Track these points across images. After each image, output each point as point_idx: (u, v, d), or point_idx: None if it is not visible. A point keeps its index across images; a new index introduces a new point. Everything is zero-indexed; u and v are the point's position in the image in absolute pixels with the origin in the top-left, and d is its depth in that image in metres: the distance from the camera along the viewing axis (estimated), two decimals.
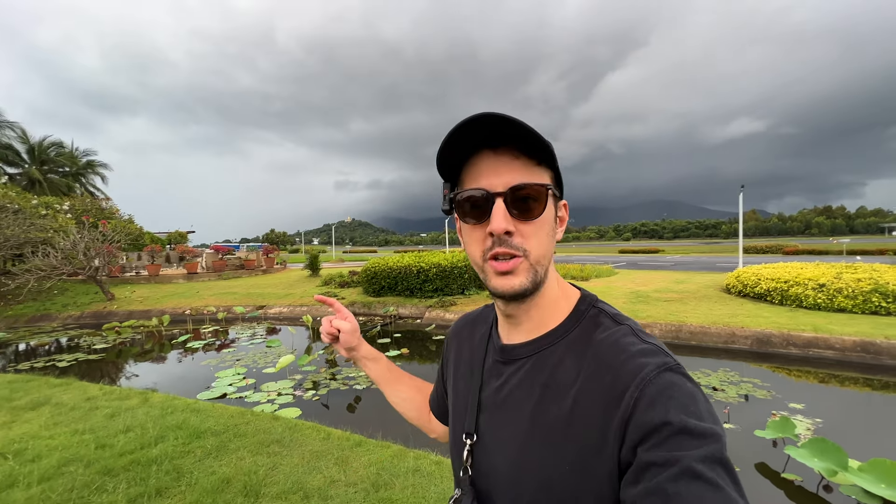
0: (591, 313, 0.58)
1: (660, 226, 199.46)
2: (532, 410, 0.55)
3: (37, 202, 15.49)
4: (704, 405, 0.47)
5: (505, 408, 0.58)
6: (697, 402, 0.46)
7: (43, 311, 12.41)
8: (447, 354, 0.79)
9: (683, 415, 0.45)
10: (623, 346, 0.52)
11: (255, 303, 12.48)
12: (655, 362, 0.49)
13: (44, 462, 3.11)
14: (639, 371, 0.49)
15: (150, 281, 16.44)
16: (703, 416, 0.45)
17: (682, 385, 0.47)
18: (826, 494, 3.14)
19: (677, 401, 0.46)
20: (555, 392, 0.54)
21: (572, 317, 0.59)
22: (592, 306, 0.60)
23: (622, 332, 0.54)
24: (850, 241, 36.99)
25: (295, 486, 2.77)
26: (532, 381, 0.56)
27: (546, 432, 0.52)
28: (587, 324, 0.57)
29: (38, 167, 27.90)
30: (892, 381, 5.45)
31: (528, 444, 0.54)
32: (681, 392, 0.47)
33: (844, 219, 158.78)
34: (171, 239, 24.86)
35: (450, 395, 0.74)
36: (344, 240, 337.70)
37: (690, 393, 0.47)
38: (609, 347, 0.53)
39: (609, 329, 0.55)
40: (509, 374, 0.60)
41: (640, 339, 0.53)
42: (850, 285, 7.75)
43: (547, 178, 0.56)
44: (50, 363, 7.50)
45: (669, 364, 0.49)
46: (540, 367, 0.57)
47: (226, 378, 6.18)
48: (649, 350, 0.51)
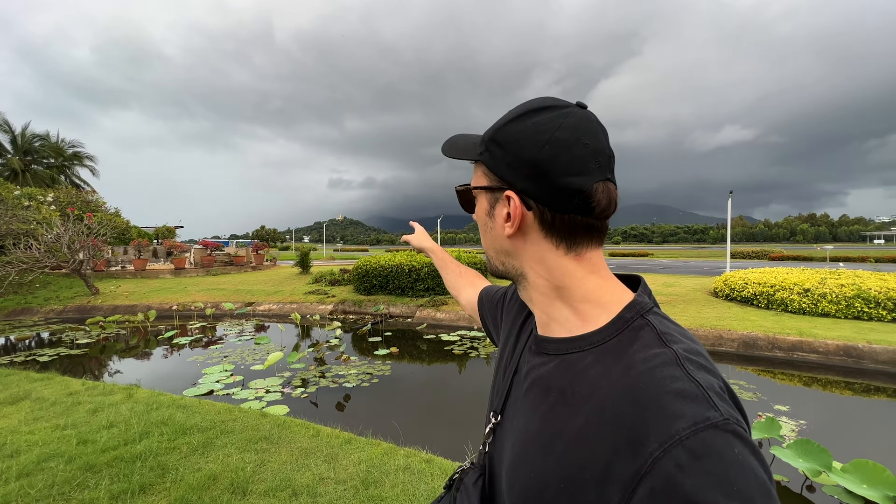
0: (636, 324, 0.49)
1: (649, 230, 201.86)
2: (545, 411, 0.51)
3: (19, 193, 15.14)
4: (755, 479, 0.36)
5: (525, 399, 0.56)
6: (746, 476, 0.36)
7: (24, 304, 12.10)
8: (510, 308, 0.76)
9: (720, 495, 0.34)
10: (658, 379, 0.43)
11: (244, 299, 12.32)
12: (693, 414, 0.39)
13: (23, 458, 3.03)
14: (669, 423, 0.39)
15: (136, 276, 16.14)
16: (751, 497, 0.35)
17: (724, 452, 0.37)
18: (810, 494, 3.19)
19: (712, 475, 0.36)
20: (571, 402, 0.49)
21: (613, 324, 0.51)
22: (640, 316, 0.50)
23: (663, 358, 0.44)
24: (834, 248, 37.79)
25: (283, 484, 2.73)
26: (552, 383, 0.52)
27: (550, 439, 0.48)
28: (628, 335, 0.49)
29: (20, 157, 27.27)
30: (873, 385, 5.58)
31: (533, 443, 0.51)
32: (721, 462, 0.36)
33: (828, 226, 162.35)
34: (158, 233, 24.43)
35: (495, 361, 0.73)
36: (335, 238, 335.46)
37: (738, 462, 0.36)
38: (639, 376, 0.44)
39: (650, 350, 0.46)
40: (536, 364, 0.57)
41: (684, 373, 0.42)
42: (834, 291, 7.92)
43: (478, 174, 0.59)
44: (31, 357, 7.32)
45: (713, 420, 0.38)
46: (564, 370, 0.52)
47: (213, 375, 6.09)
48: (690, 393, 0.41)
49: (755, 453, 0.38)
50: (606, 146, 0.52)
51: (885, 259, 26.14)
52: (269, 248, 23.34)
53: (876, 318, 7.41)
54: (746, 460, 0.37)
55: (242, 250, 21.42)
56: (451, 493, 0.63)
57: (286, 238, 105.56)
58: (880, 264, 20.73)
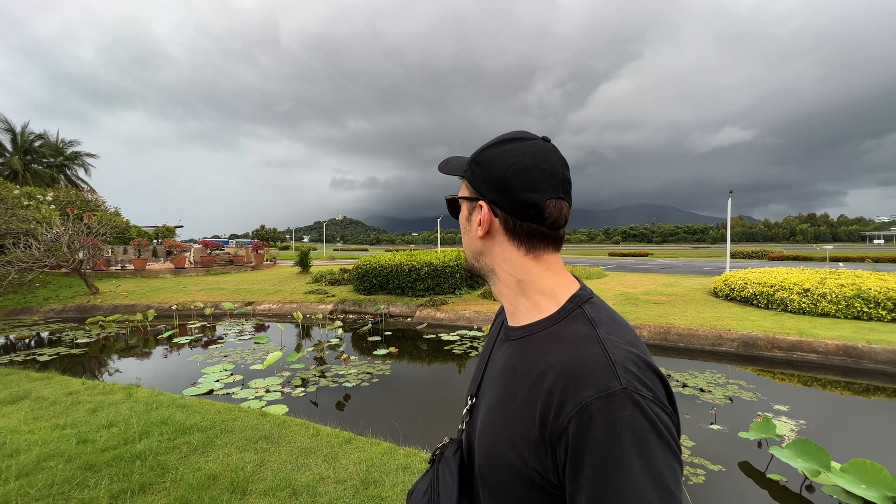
0: (575, 313, 0.61)
1: (649, 230, 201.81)
2: (504, 388, 0.62)
3: (19, 192, 15.12)
4: (635, 436, 0.48)
5: (493, 380, 0.67)
6: (631, 433, 0.48)
7: (24, 304, 12.10)
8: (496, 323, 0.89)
9: (609, 446, 0.47)
10: (580, 355, 0.54)
11: (244, 299, 12.32)
12: (598, 383, 0.50)
13: (22, 457, 3.03)
14: (582, 391, 0.50)
15: (136, 275, 16.14)
16: (627, 449, 0.47)
17: (618, 414, 0.48)
18: (809, 494, 3.19)
19: (605, 431, 0.48)
20: (521, 377, 0.59)
21: (558, 313, 0.62)
22: (579, 306, 0.61)
23: (588, 339, 0.56)
24: (834, 248, 37.77)
25: (283, 483, 2.73)
26: (511, 363, 0.63)
27: (504, 405, 0.60)
28: (566, 321, 0.61)
29: (20, 157, 27.24)
30: (872, 385, 5.58)
31: (494, 416, 0.61)
32: (613, 422, 0.48)
33: (828, 226, 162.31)
34: (158, 233, 24.39)
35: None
36: (335, 237, 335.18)
37: (626, 422, 0.48)
38: (567, 353, 0.55)
39: (579, 332, 0.58)
40: (503, 350, 0.68)
41: (602, 349, 0.54)
42: (834, 290, 7.92)
43: (463, 187, 0.71)
44: (30, 357, 7.32)
45: (613, 389, 0.49)
46: (521, 352, 0.63)
47: (213, 374, 6.09)
48: (601, 365, 0.52)
49: (646, 415, 0.49)
50: (562, 172, 0.63)
51: (884, 259, 26.13)
52: (269, 248, 23.33)
53: (876, 318, 7.41)
54: (634, 420, 0.48)
55: (242, 250, 21.41)
56: (435, 465, 0.72)
57: (286, 238, 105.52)
58: (879, 264, 20.72)
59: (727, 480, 3.38)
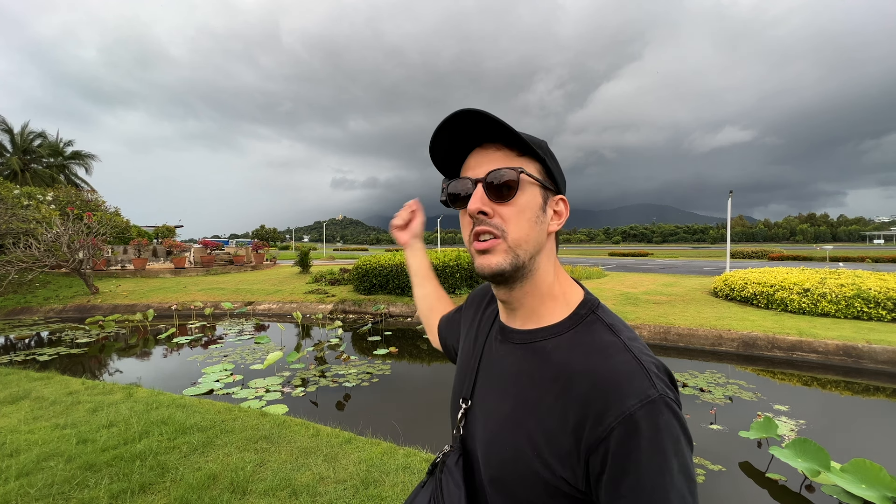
0: (589, 319, 0.60)
1: (649, 230, 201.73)
2: (516, 394, 0.59)
3: (19, 192, 15.12)
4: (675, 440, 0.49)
5: (496, 384, 0.64)
6: (670, 437, 0.49)
7: (24, 304, 12.10)
8: (466, 311, 0.86)
9: (652, 451, 0.48)
10: (613, 363, 0.53)
11: (244, 299, 12.32)
12: (639, 392, 0.50)
13: (22, 457, 3.03)
14: (623, 400, 0.50)
15: (135, 275, 16.14)
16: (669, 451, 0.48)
17: (658, 420, 0.49)
18: (808, 494, 3.20)
19: (647, 438, 0.48)
20: (541, 385, 0.57)
21: (570, 319, 0.61)
22: (592, 312, 0.61)
23: (615, 346, 0.55)
24: (834, 248, 37.79)
25: (283, 483, 2.73)
26: (521, 368, 0.60)
27: (522, 416, 0.57)
28: (582, 329, 0.59)
29: (20, 157, 27.24)
30: (872, 385, 5.58)
31: (506, 421, 0.59)
32: (655, 428, 0.48)
33: (828, 226, 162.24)
34: (158, 233, 24.38)
35: (458, 351, 0.83)
36: (335, 237, 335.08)
37: (666, 427, 0.49)
38: (598, 361, 0.54)
39: (603, 339, 0.57)
40: (504, 353, 0.65)
41: (632, 357, 0.54)
42: (834, 290, 7.92)
43: (530, 167, 0.59)
44: (30, 357, 7.32)
45: (652, 396, 0.50)
46: (531, 357, 0.60)
47: (213, 374, 6.09)
48: (638, 374, 0.52)
49: (678, 419, 0.50)
50: None
51: (884, 259, 26.12)
52: (269, 248, 23.33)
53: (876, 318, 7.41)
54: (670, 424, 0.49)
55: (242, 250, 21.41)
56: (436, 475, 0.68)
57: (286, 237, 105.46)
58: (879, 264, 20.72)
59: (727, 480, 3.39)
